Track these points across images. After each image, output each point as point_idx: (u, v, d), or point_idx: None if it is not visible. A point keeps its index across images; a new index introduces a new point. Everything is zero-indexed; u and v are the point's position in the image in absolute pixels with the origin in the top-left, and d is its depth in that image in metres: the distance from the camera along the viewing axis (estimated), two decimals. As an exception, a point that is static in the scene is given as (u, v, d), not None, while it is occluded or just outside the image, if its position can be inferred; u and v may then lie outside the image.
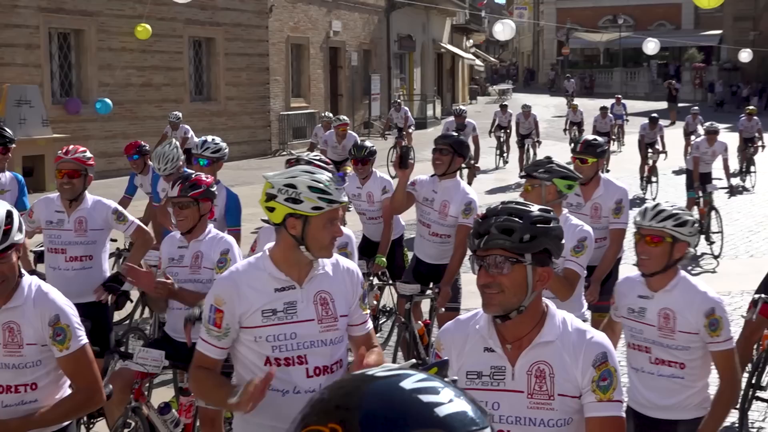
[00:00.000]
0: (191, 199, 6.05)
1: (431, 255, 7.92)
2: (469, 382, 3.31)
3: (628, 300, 4.91)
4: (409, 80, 44.18)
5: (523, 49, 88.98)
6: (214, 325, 3.83)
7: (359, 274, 4.10)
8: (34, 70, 22.83)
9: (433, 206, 7.70)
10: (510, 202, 3.35)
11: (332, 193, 3.79)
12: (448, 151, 7.67)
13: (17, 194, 7.80)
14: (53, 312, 4.15)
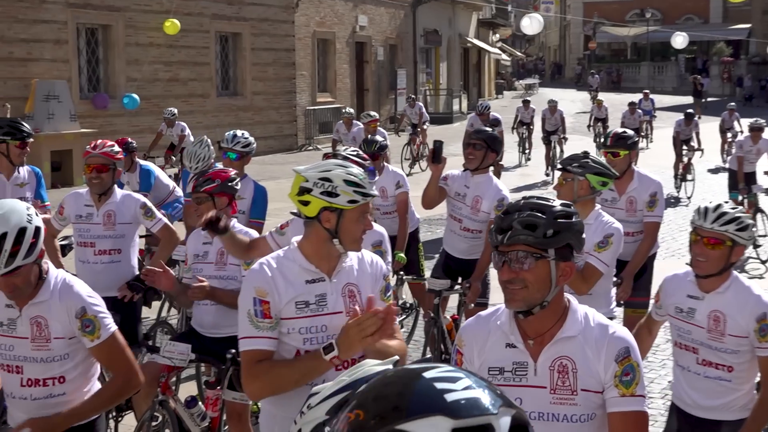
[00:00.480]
0: (206, 195, 6.06)
1: (462, 250, 7.90)
2: (491, 378, 3.30)
3: (675, 299, 4.83)
4: (435, 75, 44.12)
5: (550, 43, 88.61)
6: (264, 317, 3.76)
7: (383, 266, 4.09)
8: (62, 65, 22.98)
9: (465, 201, 7.69)
10: (532, 197, 3.34)
11: (366, 187, 3.80)
12: (482, 146, 7.66)
13: (35, 187, 7.85)
14: (79, 305, 4.18)
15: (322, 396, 2.13)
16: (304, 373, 3.72)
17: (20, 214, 3.97)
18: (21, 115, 20.34)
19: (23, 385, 4.28)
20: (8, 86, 21.63)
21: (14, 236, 3.91)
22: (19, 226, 3.93)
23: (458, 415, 1.68)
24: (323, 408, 2.10)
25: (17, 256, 3.93)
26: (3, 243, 3.89)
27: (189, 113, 26.59)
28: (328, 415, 2.07)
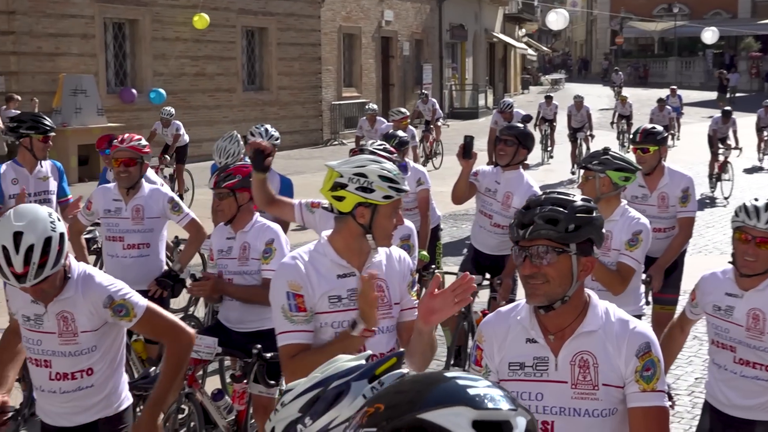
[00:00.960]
0: (227, 190, 6.07)
1: (491, 246, 7.88)
2: (512, 373, 3.30)
3: (713, 297, 4.76)
4: (461, 70, 44.05)
5: (576, 38, 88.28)
6: (299, 311, 3.76)
7: (409, 262, 4.09)
8: (89, 59, 23.10)
9: (495, 197, 7.67)
10: (552, 192, 3.34)
11: (400, 182, 3.81)
12: (513, 142, 7.64)
13: (58, 181, 7.90)
14: (103, 296, 4.21)
15: (294, 393, 2.14)
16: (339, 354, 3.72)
17: (44, 223, 3.97)
18: (49, 109, 20.51)
19: (52, 379, 4.31)
20: (36, 81, 21.78)
21: (41, 247, 3.92)
22: (44, 236, 3.94)
23: (480, 407, 1.70)
24: (296, 405, 2.12)
25: (45, 266, 3.95)
26: (31, 255, 3.90)
27: (215, 108, 26.72)
28: (300, 412, 2.09)
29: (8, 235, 3.89)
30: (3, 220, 3.98)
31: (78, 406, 4.36)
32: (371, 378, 2.13)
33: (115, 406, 4.46)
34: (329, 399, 2.10)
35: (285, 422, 2.11)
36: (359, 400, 2.08)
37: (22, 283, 3.95)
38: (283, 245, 6.02)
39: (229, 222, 6.13)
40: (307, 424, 2.07)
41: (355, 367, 2.17)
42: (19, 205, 4.18)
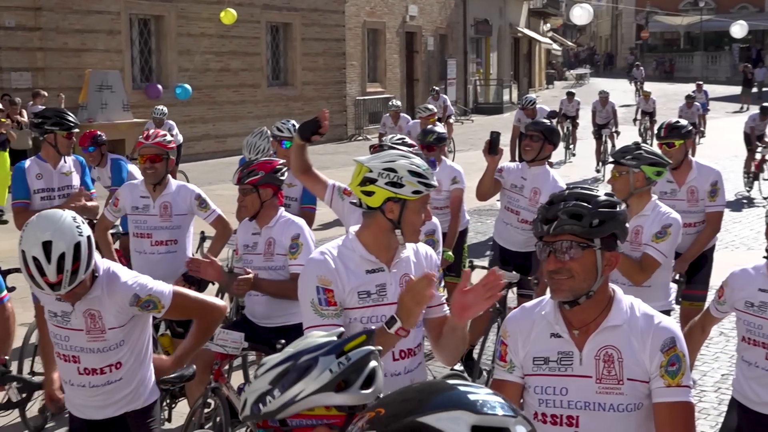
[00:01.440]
0: (250, 186, 6.07)
1: (518, 243, 7.84)
2: (536, 368, 3.31)
3: (745, 293, 4.69)
4: (486, 65, 43.96)
5: (601, 33, 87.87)
6: (329, 305, 3.76)
7: (436, 258, 4.10)
8: (115, 55, 23.23)
9: (522, 193, 7.66)
10: (576, 187, 3.34)
11: (429, 177, 3.81)
12: (539, 138, 7.64)
13: (81, 175, 7.95)
14: (129, 295, 4.24)
15: (267, 366, 2.21)
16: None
17: (71, 229, 3.98)
18: (75, 105, 20.64)
19: (81, 374, 4.35)
20: (62, 76, 21.91)
21: (72, 253, 3.94)
22: (74, 242, 3.95)
23: (480, 412, 1.70)
24: (267, 378, 2.18)
25: (78, 272, 3.98)
26: (63, 263, 3.92)
27: (240, 103, 26.80)
28: (270, 384, 2.16)
29: (38, 246, 3.91)
30: (29, 230, 3.98)
31: (107, 399, 4.39)
32: (339, 353, 2.20)
33: (143, 399, 4.49)
34: (297, 372, 2.16)
35: (256, 394, 2.18)
36: (326, 374, 2.15)
37: (56, 291, 3.98)
38: (309, 240, 6.03)
39: (253, 217, 6.14)
40: (276, 395, 2.15)
41: (325, 343, 2.23)
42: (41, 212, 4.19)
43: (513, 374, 3.38)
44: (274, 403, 2.16)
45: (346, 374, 2.20)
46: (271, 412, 2.17)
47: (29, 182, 7.56)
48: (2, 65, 20.94)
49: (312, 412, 2.18)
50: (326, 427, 2.19)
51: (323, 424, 2.18)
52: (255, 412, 2.18)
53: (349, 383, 2.20)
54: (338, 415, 2.20)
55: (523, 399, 3.40)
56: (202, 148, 25.04)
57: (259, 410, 2.18)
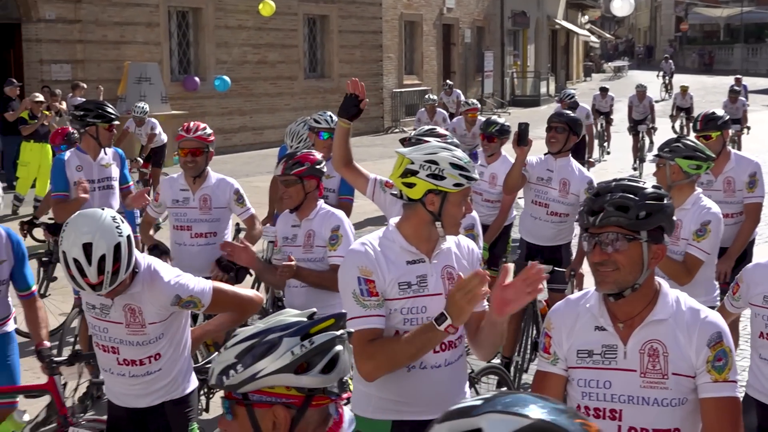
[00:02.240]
0: (295, 177, 6.06)
1: (548, 237, 7.78)
2: (580, 361, 3.30)
3: (764, 287, 4.65)
4: (523, 57, 43.79)
5: (640, 25, 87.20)
6: (371, 295, 3.75)
7: (478, 253, 4.09)
8: (153, 48, 23.36)
9: (551, 185, 7.62)
10: (623, 179, 3.31)
11: (470, 170, 3.80)
12: (563, 129, 7.62)
13: (120, 168, 8.00)
14: (171, 295, 4.26)
15: (236, 340, 2.27)
16: (419, 347, 3.71)
17: (111, 230, 4.00)
18: (113, 97, 20.79)
19: (120, 364, 4.38)
20: (102, 69, 22.07)
21: (112, 255, 3.97)
22: (114, 243, 3.98)
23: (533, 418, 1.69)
24: (234, 351, 2.23)
25: (119, 273, 4.01)
26: (104, 265, 3.95)
27: (277, 95, 26.88)
28: (236, 358, 2.21)
29: (78, 247, 3.94)
30: (69, 231, 4.01)
31: (146, 388, 4.42)
32: (304, 336, 2.25)
33: (181, 388, 4.52)
34: (261, 350, 2.22)
35: (222, 365, 2.23)
36: (287, 355, 2.20)
37: (97, 291, 4.00)
38: (349, 231, 6.02)
39: (294, 209, 6.14)
40: (239, 370, 2.20)
41: (293, 323, 2.27)
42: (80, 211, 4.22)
43: (556, 366, 3.37)
44: (236, 377, 2.22)
45: (308, 357, 2.24)
46: (233, 385, 2.23)
47: (69, 175, 7.61)
48: (43, 57, 21.12)
49: (272, 390, 2.24)
50: (284, 406, 2.24)
51: (281, 403, 2.24)
52: (219, 383, 2.25)
53: (310, 366, 2.24)
54: (297, 395, 2.25)
55: (566, 392, 3.38)
56: (240, 140, 25.14)
57: (223, 382, 2.24)
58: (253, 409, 2.25)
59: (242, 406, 2.26)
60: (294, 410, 2.25)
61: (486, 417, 1.69)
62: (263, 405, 2.24)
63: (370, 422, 3.96)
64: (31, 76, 20.94)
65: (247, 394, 2.24)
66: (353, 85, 5.54)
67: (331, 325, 2.31)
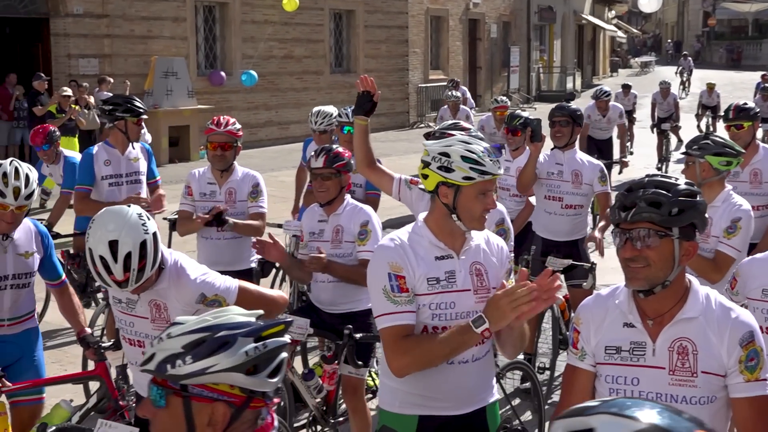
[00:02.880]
0: (335, 171, 6.07)
1: (565, 231, 7.75)
2: (608, 357, 3.29)
3: (761, 281, 4.61)
4: (549, 52, 43.63)
5: (667, 20, 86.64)
6: (401, 291, 3.75)
7: (507, 250, 4.07)
8: (180, 42, 23.44)
9: (563, 178, 7.63)
10: (655, 175, 3.28)
11: (485, 164, 3.76)
12: (567, 123, 7.70)
13: (147, 162, 8.02)
14: (196, 293, 4.27)
15: (182, 330, 2.26)
16: (454, 347, 3.72)
17: (137, 228, 4.01)
18: (141, 91, 20.87)
19: None
20: (129, 63, 22.18)
21: (138, 252, 3.98)
22: (140, 241, 3.99)
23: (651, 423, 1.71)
24: (181, 341, 2.24)
25: (145, 270, 4.02)
26: (129, 262, 3.97)
27: (303, 90, 26.91)
28: (183, 349, 2.21)
29: (104, 245, 3.96)
30: (95, 228, 4.03)
31: None
32: (257, 338, 2.26)
33: None
34: (214, 345, 2.22)
35: (166, 353, 2.23)
36: (241, 355, 2.22)
37: (123, 288, 4.02)
38: (377, 226, 6.03)
39: (324, 204, 6.14)
40: (187, 361, 2.20)
41: (245, 323, 2.28)
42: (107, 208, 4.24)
43: (584, 362, 3.37)
44: (183, 368, 2.21)
45: (260, 359, 2.25)
46: (177, 375, 2.23)
47: (96, 169, 7.64)
48: (70, 52, 21.25)
49: (216, 386, 2.24)
50: (225, 403, 2.25)
51: (223, 400, 2.25)
52: (161, 371, 2.24)
53: (258, 369, 2.26)
54: (239, 395, 2.26)
55: (594, 387, 3.38)
56: (265, 135, 25.21)
57: (166, 370, 2.24)
58: (191, 402, 2.25)
59: (179, 397, 2.26)
60: (233, 409, 2.26)
61: (599, 418, 1.71)
62: (203, 399, 2.24)
63: (397, 417, 3.97)
64: (59, 71, 21.07)
65: (188, 386, 2.24)
66: (363, 82, 5.59)
67: (280, 330, 2.33)
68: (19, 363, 5.48)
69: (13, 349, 5.48)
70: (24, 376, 5.43)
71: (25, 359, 5.52)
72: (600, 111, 15.58)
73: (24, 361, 5.51)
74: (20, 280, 5.38)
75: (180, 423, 2.26)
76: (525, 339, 3.93)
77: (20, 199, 5.18)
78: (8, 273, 5.32)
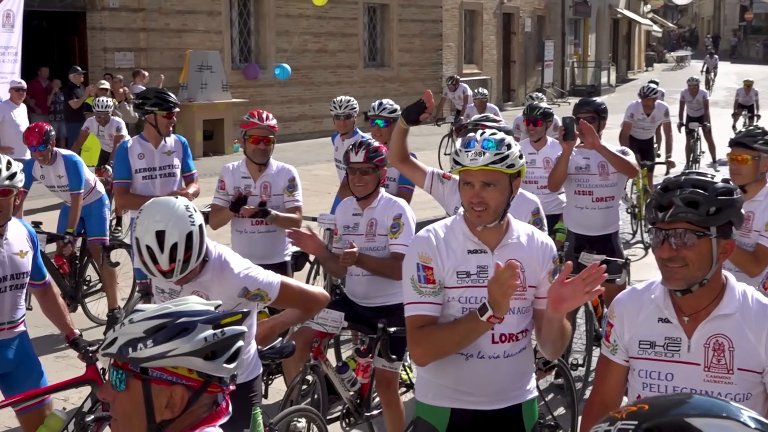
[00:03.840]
0: (373, 166, 6.10)
1: (598, 225, 7.72)
2: (642, 352, 3.28)
3: None
4: (584, 46, 43.38)
5: (703, 14, 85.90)
6: (427, 282, 3.80)
7: (553, 249, 4.03)
8: (215, 36, 23.53)
9: (590, 171, 7.64)
10: (692, 173, 3.26)
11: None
12: (593, 118, 7.70)
13: (182, 156, 8.04)
14: (239, 286, 4.30)
15: (144, 315, 2.36)
16: (463, 336, 3.75)
17: (184, 219, 4.05)
18: (175, 85, 21.00)
19: None
20: (164, 57, 22.30)
21: (184, 243, 4.02)
22: (186, 232, 4.03)
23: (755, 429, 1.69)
24: (143, 326, 2.33)
25: (190, 261, 4.06)
26: (175, 253, 4.01)
27: (336, 84, 26.92)
28: (145, 333, 2.31)
29: (151, 235, 4.00)
30: (142, 218, 4.07)
31: None
32: (216, 326, 2.35)
33: (246, 373, 4.57)
34: (174, 331, 2.30)
35: (127, 337, 2.32)
36: (200, 340, 2.32)
37: (168, 278, 4.06)
38: (411, 220, 6.04)
39: (360, 198, 6.16)
40: (148, 345, 2.28)
41: (204, 311, 2.38)
42: (155, 199, 4.28)
43: (616, 356, 3.38)
44: (144, 352, 2.30)
45: (218, 346, 2.35)
46: (138, 358, 2.31)
47: (131, 162, 7.70)
48: (106, 45, 21.40)
49: (175, 370, 2.33)
50: (184, 387, 2.34)
51: (182, 384, 2.33)
52: (123, 354, 2.32)
53: (216, 354, 2.35)
54: (197, 380, 2.35)
55: (628, 381, 3.37)
56: (299, 129, 25.25)
57: (128, 353, 2.31)
58: (150, 385, 2.33)
59: (138, 380, 2.34)
60: (191, 393, 2.35)
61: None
62: (162, 382, 2.33)
63: (431, 408, 3.99)
64: (95, 64, 21.23)
65: (148, 370, 2.33)
66: (427, 96, 5.69)
67: (238, 320, 2.42)
68: (18, 369, 5.38)
69: (12, 355, 5.37)
70: (27, 381, 5.35)
71: (23, 364, 5.42)
72: (645, 109, 14.62)
73: (23, 367, 5.41)
74: (18, 281, 5.28)
75: (139, 405, 2.35)
76: (566, 338, 3.93)
77: (1, 179, 5.02)
78: (6, 274, 5.21)
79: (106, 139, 13.60)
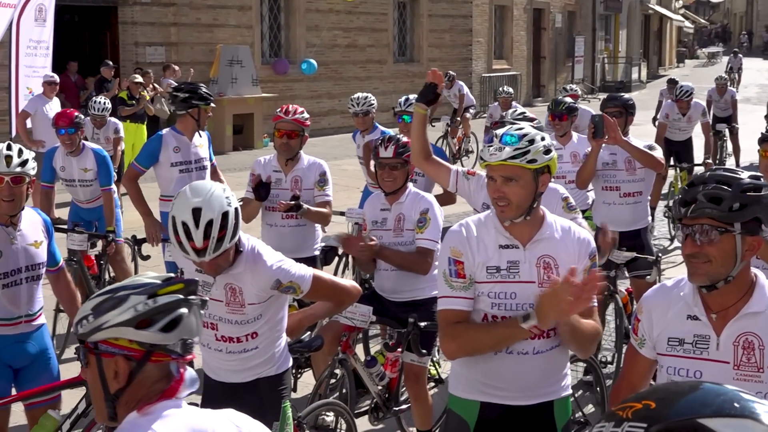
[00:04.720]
0: (403, 161, 6.10)
1: (627, 221, 7.69)
2: (670, 349, 3.27)
3: None
4: (614, 42, 43.16)
5: (736, 10, 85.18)
6: (458, 277, 3.81)
7: (591, 244, 3.97)
8: (245, 30, 23.60)
9: (617, 167, 7.64)
10: (718, 169, 3.24)
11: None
12: (620, 113, 7.70)
13: (207, 148, 8.14)
14: (272, 279, 4.31)
15: (97, 293, 2.50)
16: (500, 339, 3.76)
17: (220, 199, 4.07)
18: (206, 79, 21.09)
19: (218, 340, 4.47)
20: (195, 51, 22.40)
21: (219, 222, 4.03)
22: (222, 211, 4.04)
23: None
24: (92, 303, 2.47)
25: (224, 240, 4.06)
26: (210, 230, 4.02)
27: (366, 79, 26.94)
28: (92, 310, 2.43)
29: (188, 212, 4.02)
30: (180, 198, 4.10)
31: (242, 365, 4.50)
32: (150, 295, 2.44)
33: (277, 366, 4.59)
34: (110, 304, 2.44)
35: (79, 316, 2.47)
36: (130, 311, 2.42)
37: (201, 257, 4.08)
38: (438, 215, 6.05)
39: (389, 193, 6.17)
40: (90, 320, 2.44)
41: (146, 284, 2.49)
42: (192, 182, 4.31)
43: (643, 350, 3.38)
44: (87, 326, 2.45)
45: (149, 315, 2.43)
46: (84, 333, 2.46)
47: (164, 155, 7.77)
48: (138, 40, 21.51)
49: (117, 342, 2.44)
50: (125, 357, 2.44)
51: (123, 355, 2.44)
52: (75, 332, 2.51)
53: (151, 323, 2.43)
54: (138, 350, 2.44)
55: (654, 378, 3.37)
56: (328, 123, 25.28)
57: (78, 330, 2.48)
58: (101, 359, 2.46)
59: (93, 355, 2.47)
60: (134, 363, 2.44)
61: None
62: (108, 355, 2.44)
63: (461, 401, 4.00)
64: (126, 59, 21.34)
65: (98, 344, 2.45)
66: (433, 74, 5.58)
67: (179, 289, 2.49)
68: (33, 365, 5.30)
69: (30, 349, 5.28)
70: (40, 378, 5.27)
71: (39, 360, 5.33)
72: (681, 110, 14.01)
73: (38, 363, 5.32)
74: (34, 272, 5.23)
75: (97, 378, 2.48)
76: (594, 339, 3.90)
77: (13, 166, 4.99)
78: (21, 265, 5.15)
79: (101, 143, 11.88)
